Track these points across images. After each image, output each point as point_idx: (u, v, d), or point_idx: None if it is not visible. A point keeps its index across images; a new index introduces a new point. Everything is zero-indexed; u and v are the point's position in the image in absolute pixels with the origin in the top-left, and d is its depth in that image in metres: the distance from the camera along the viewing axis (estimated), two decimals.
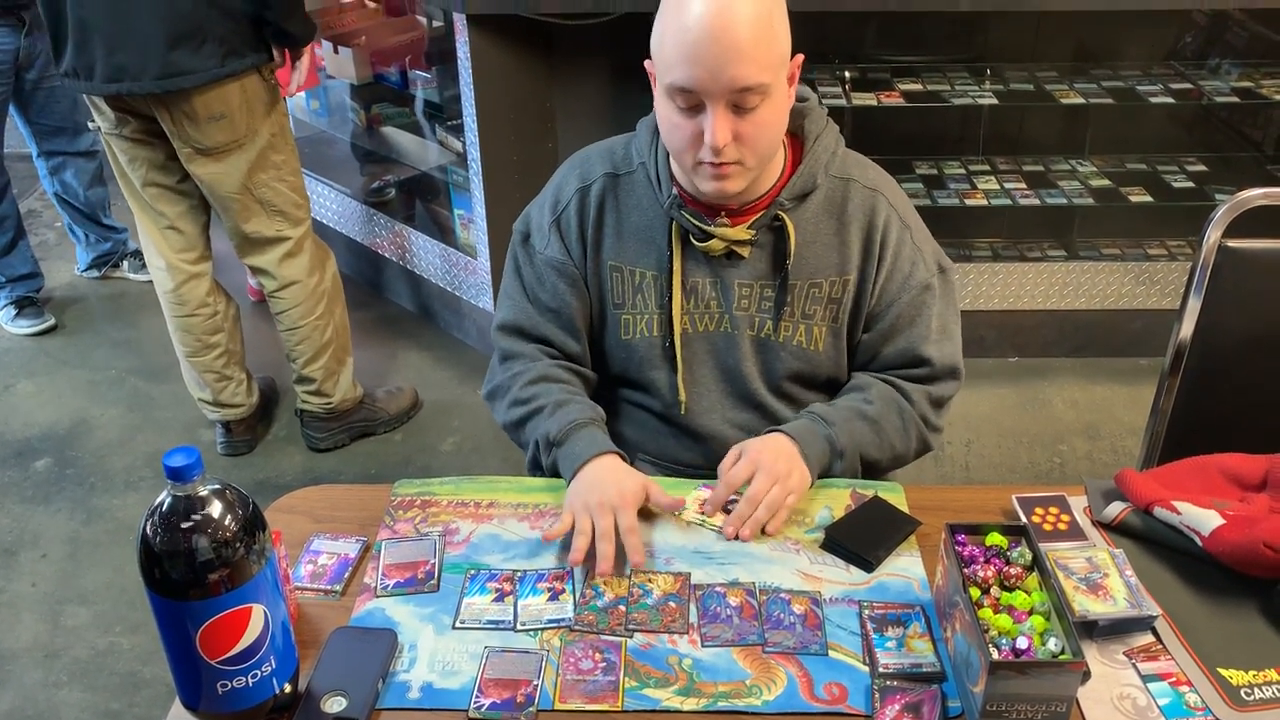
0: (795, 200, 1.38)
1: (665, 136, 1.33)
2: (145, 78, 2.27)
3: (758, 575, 1.23)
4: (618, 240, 1.44)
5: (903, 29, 3.16)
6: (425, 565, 1.25)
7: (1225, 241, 1.54)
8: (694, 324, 1.44)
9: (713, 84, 1.22)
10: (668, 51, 1.25)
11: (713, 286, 1.42)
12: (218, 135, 2.38)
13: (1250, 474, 1.30)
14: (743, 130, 1.26)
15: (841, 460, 1.39)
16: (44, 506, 2.71)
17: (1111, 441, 2.88)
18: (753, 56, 1.21)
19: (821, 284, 1.41)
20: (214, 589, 0.96)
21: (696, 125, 1.26)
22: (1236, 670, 1.09)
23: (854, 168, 1.43)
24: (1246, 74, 3.07)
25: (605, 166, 1.45)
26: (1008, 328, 3.16)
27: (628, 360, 1.48)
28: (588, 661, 1.12)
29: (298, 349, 2.72)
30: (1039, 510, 1.31)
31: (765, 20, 1.22)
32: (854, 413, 1.41)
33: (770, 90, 1.24)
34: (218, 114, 2.35)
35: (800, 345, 1.43)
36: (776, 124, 1.30)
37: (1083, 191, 3.12)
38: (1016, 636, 1.04)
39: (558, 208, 1.46)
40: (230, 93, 2.34)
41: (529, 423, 1.43)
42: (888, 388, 1.45)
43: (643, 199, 1.42)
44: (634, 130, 1.47)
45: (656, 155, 1.40)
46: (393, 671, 1.11)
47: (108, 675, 2.22)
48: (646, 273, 1.43)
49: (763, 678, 1.10)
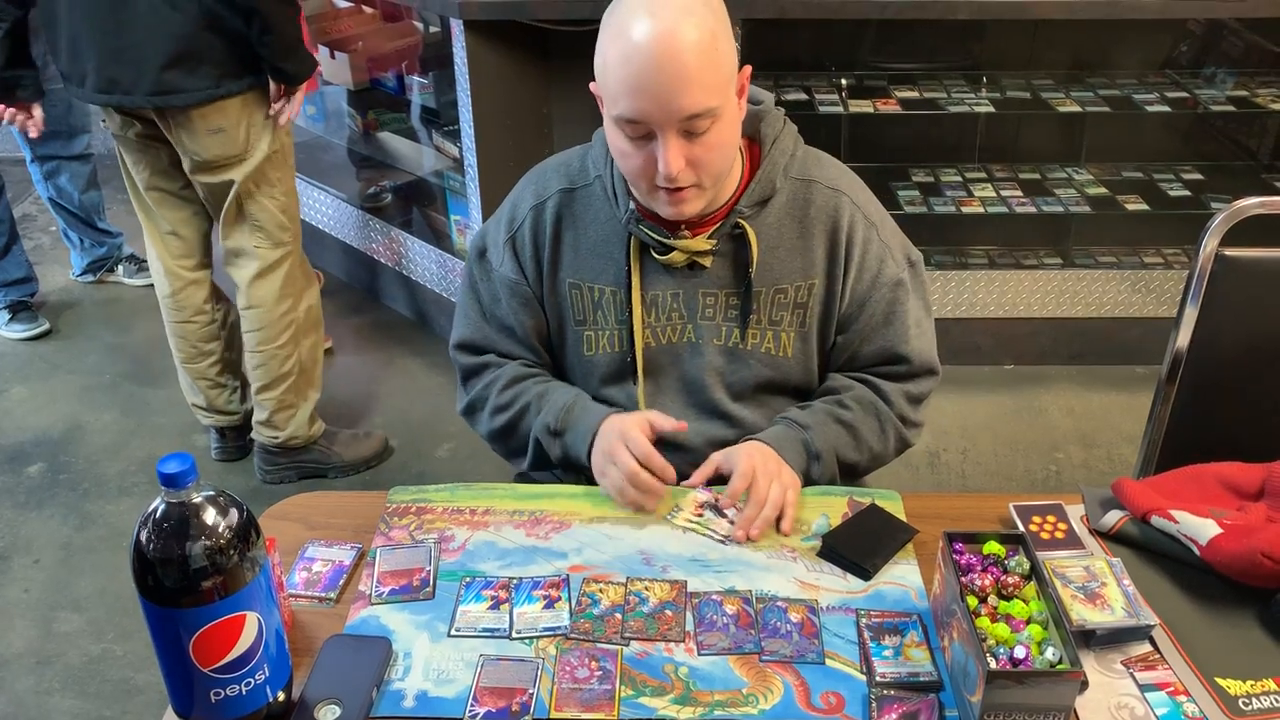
0: (755, 206, 1.37)
1: (619, 162, 1.31)
2: (137, 93, 2.26)
3: (754, 583, 1.23)
4: (576, 257, 1.41)
5: (900, 37, 3.16)
6: (420, 572, 1.24)
7: (1222, 250, 1.54)
8: (656, 337, 1.42)
9: (660, 114, 1.20)
10: (611, 83, 1.22)
11: (674, 298, 1.40)
12: (215, 149, 2.36)
13: (1247, 483, 1.30)
14: (695, 154, 1.23)
15: (819, 463, 1.38)
16: (37, 512, 2.70)
17: (1107, 449, 2.88)
18: (700, 82, 1.18)
19: (787, 289, 1.40)
20: (207, 596, 0.96)
21: (648, 153, 1.24)
22: (1234, 680, 1.09)
23: (814, 168, 1.40)
24: (1242, 83, 3.08)
25: (561, 182, 1.43)
26: (1004, 335, 3.16)
27: (590, 376, 1.46)
28: (584, 670, 1.12)
29: (254, 372, 2.63)
30: (1036, 519, 1.30)
31: (709, 43, 1.19)
32: (829, 416, 1.41)
33: (720, 112, 1.22)
34: (215, 127, 2.33)
35: (769, 352, 1.42)
36: (729, 144, 1.28)
37: (1079, 199, 3.13)
38: (1014, 645, 1.04)
39: (513, 225, 1.44)
40: (229, 107, 2.32)
41: (520, 424, 1.43)
42: (864, 389, 1.44)
43: (600, 213, 1.40)
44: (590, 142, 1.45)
45: (612, 169, 1.38)
46: (387, 680, 1.11)
47: (100, 682, 2.21)
48: (605, 288, 1.41)
49: (759, 686, 1.10)
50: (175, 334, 2.67)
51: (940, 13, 2.75)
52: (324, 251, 3.75)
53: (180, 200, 2.53)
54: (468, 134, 2.86)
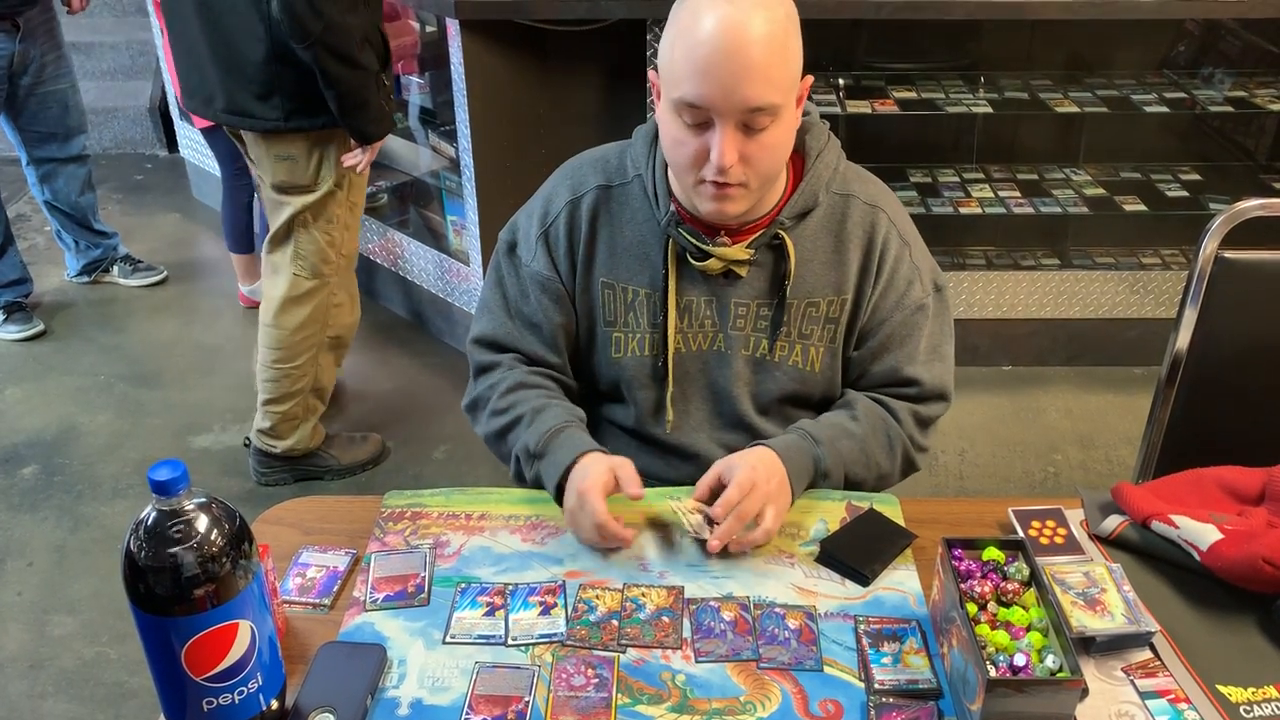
0: (795, 219, 1.36)
1: (668, 152, 1.29)
2: (213, 107, 2.36)
3: (752, 589, 1.22)
4: (611, 256, 1.40)
5: (897, 37, 3.16)
6: (415, 578, 1.23)
7: (1222, 252, 1.54)
8: (686, 343, 1.41)
9: (723, 102, 1.19)
10: (678, 65, 1.21)
11: (708, 305, 1.39)
12: (282, 175, 2.36)
13: (1248, 487, 1.30)
14: (750, 151, 1.23)
15: (826, 480, 1.36)
16: (31, 514, 2.68)
17: (1106, 451, 2.88)
18: (766, 76, 1.18)
19: (819, 304, 1.39)
20: (199, 605, 0.95)
21: (703, 143, 1.23)
22: (1235, 687, 1.08)
23: (854, 183, 1.40)
24: (1240, 83, 3.08)
25: (598, 178, 1.41)
26: (1001, 336, 3.15)
27: (617, 378, 1.45)
28: (580, 677, 1.11)
29: (264, 385, 2.61)
30: (1035, 523, 1.30)
31: (780, 40, 1.19)
32: (840, 430, 1.38)
33: (780, 112, 1.21)
34: (285, 155, 2.35)
35: (796, 365, 1.41)
36: (783, 146, 1.27)
37: (1077, 200, 3.12)
38: (1014, 653, 1.03)
39: (546, 219, 1.42)
40: (299, 140, 2.33)
41: (510, 434, 1.41)
42: (875, 406, 1.42)
43: (638, 213, 1.39)
44: (629, 137, 1.44)
45: (654, 168, 1.37)
46: (382, 687, 1.10)
47: (94, 686, 2.20)
48: (640, 290, 1.39)
49: (757, 694, 1.09)
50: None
51: (937, 13, 2.75)
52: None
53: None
54: (464, 134, 2.85)
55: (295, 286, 2.51)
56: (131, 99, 4.79)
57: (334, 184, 2.40)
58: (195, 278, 3.81)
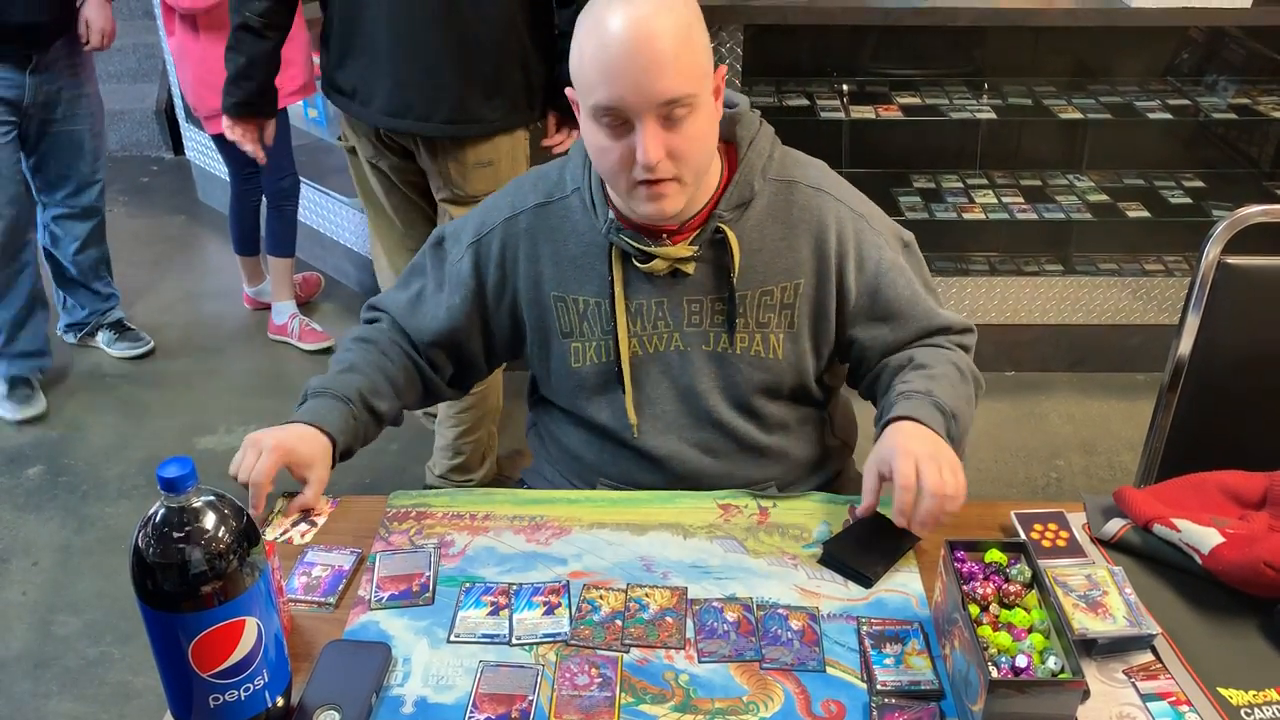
0: (735, 210, 1.36)
1: (596, 162, 1.30)
2: (434, 119, 2.14)
3: (755, 590, 1.23)
4: (558, 269, 1.40)
5: (902, 43, 3.16)
6: (420, 578, 1.24)
7: (1224, 258, 1.54)
8: (643, 345, 1.40)
9: (638, 99, 1.20)
10: (589, 73, 1.22)
11: (659, 307, 1.39)
12: (479, 184, 2.22)
13: (1250, 491, 1.30)
14: (674, 145, 1.23)
15: (955, 421, 1.32)
16: (36, 514, 2.69)
17: (1108, 457, 2.88)
18: (676, 68, 1.20)
19: (773, 290, 1.39)
20: (207, 601, 0.95)
21: (627, 145, 1.23)
22: (1236, 690, 1.09)
23: (794, 169, 1.40)
24: (1243, 91, 3.08)
25: (537, 196, 1.42)
26: (1005, 342, 3.15)
27: (580, 388, 1.44)
28: (583, 677, 1.11)
29: (458, 416, 2.49)
30: (1038, 527, 1.30)
31: (684, 32, 1.21)
32: (921, 375, 1.35)
33: (696, 102, 1.23)
34: (486, 160, 2.21)
35: (759, 355, 1.40)
36: (707, 137, 1.28)
37: (1080, 206, 3.13)
38: (1016, 654, 1.03)
39: (481, 230, 1.43)
40: (502, 143, 2.22)
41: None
42: (922, 348, 1.40)
43: (579, 224, 1.39)
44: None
45: (590, 180, 1.38)
46: (386, 686, 1.10)
47: (98, 685, 2.21)
48: (589, 300, 1.40)
49: (760, 694, 1.10)
50: None
51: (942, 19, 2.76)
52: (324, 254, 3.75)
53: (421, 216, 2.42)
54: None
55: None
56: (138, 102, 4.80)
57: None
58: (200, 280, 3.82)
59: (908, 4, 2.73)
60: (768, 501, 1.37)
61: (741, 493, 1.39)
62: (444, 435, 2.57)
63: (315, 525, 1.33)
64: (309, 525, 1.33)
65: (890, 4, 2.74)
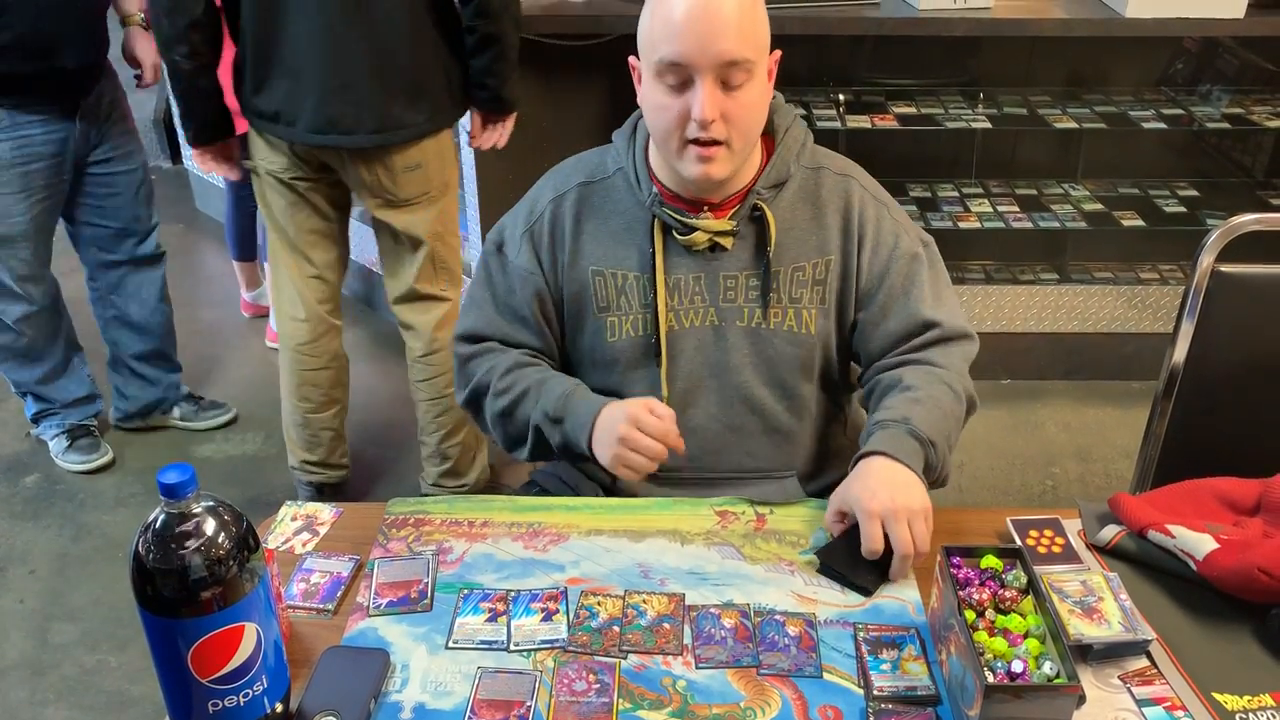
0: (771, 190, 1.42)
1: (652, 122, 1.36)
2: (360, 131, 2.15)
3: (752, 596, 1.23)
4: (599, 244, 1.45)
5: (897, 53, 3.18)
6: (418, 584, 1.24)
7: (1218, 266, 1.55)
8: (680, 320, 1.45)
9: (701, 56, 1.27)
10: (656, 30, 1.30)
11: (697, 282, 1.43)
12: (411, 187, 2.27)
13: (1244, 498, 1.31)
14: (729, 109, 1.30)
15: (934, 449, 1.32)
16: (33, 522, 2.69)
17: (1104, 464, 2.89)
18: (739, 31, 1.27)
19: (805, 267, 1.44)
20: (206, 607, 0.96)
21: (684, 103, 1.30)
22: (1231, 695, 1.09)
23: (824, 158, 1.48)
24: (1237, 100, 3.10)
25: (580, 176, 1.48)
26: (1000, 350, 3.16)
27: (613, 364, 1.48)
28: (581, 683, 1.12)
29: (438, 420, 2.52)
30: (1033, 533, 1.31)
31: (749, 2, 1.29)
32: (906, 400, 1.36)
33: (754, 69, 1.30)
34: (414, 164, 2.25)
35: (792, 330, 1.45)
36: (760, 106, 1.35)
37: (1075, 215, 3.14)
38: (1011, 659, 1.04)
39: (531, 218, 1.48)
40: (428, 145, 2.25)
41: (518, 410, 1.44)
42: (916, 367, 1.42)
43: (621, 201, 1.45)
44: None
45: (634, 156, 1.44)
46: (385, 692, 1.10)
47: (95, 693, 2.20)
48: (629, 274, 1.44)
49: (757, 700, 1.10)
50: (307, 383, 2.51)
51: (937, 29, 2.77)
52: None
53: (332, 243, 2.42)
54: (466, 150, 2.87)
55: (444, 302, 2.46)
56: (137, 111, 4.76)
57: (453, 184, 2.35)
58: (199, 287, 3.82)
59: (903, 14, 2.75)
60: (765, 508, 1.38)
61: (739, 500, 1.39)
62: (428, 443, 2.60)
63: (318, 535, 1.33)
64: (311, 534, 1.33)
65: (886, 14, 2.75)
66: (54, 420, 2.86)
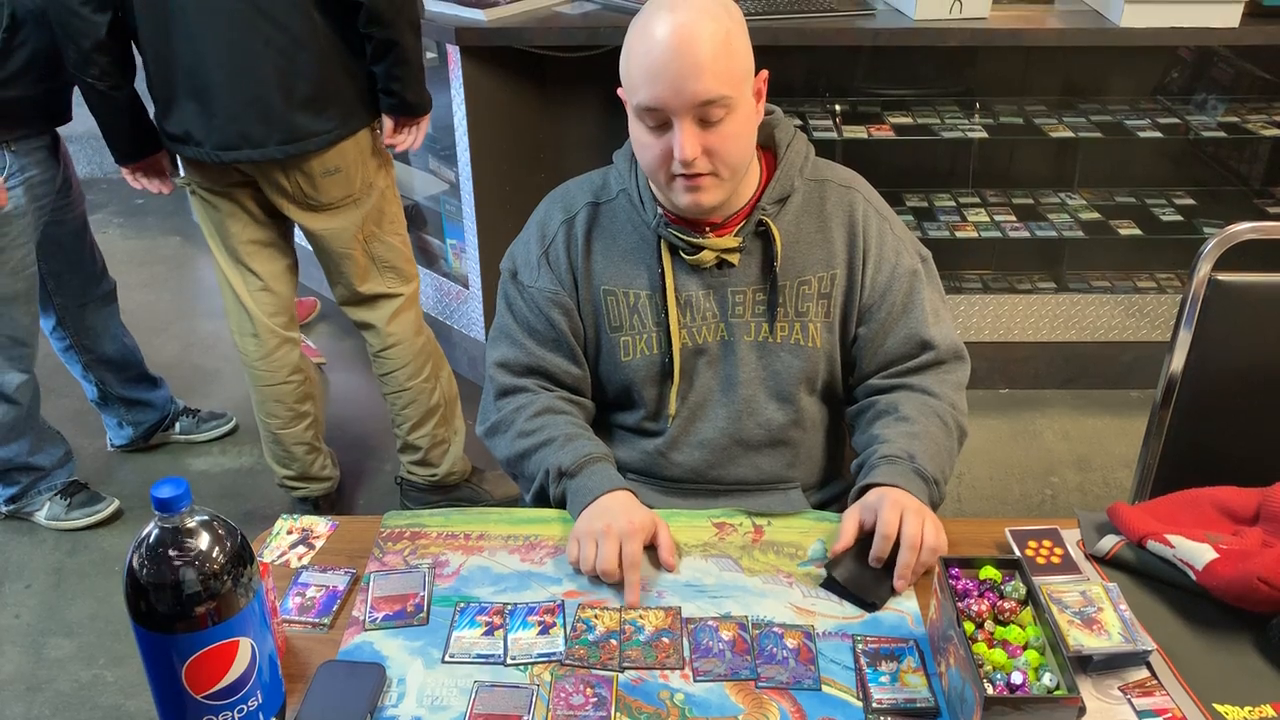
0: (776, 205, 1.43)
1: (640, 157, 1.37)
2: (269, 144, 2.15)
3: (750, 609, 1.22)
4: (609, 264, 1.46)
5: (893, 63, 3.18)
6: (414, 598, 1.24)
7: (1215, 275, 1.55)
8: (692, 337, 1.45)
9: (675, 99, 1.27)
10: (634, 74, 1.30)
11: (707, 298, 1.44)
12: (333, 190, 2.26)
13: (1243, 507, 1.30)
14: (711, 143, 1.30)
15: (938, 487, 1.35)
16: (29, 537, 2.68)
17: (1103, 473, 2.88)
18: (713, 71, 1.26)
19: (810, 280, 1.44)
20: (201, 622, 0.95)
21: (666, 142, 1.31)
22: (1232, 706, 1.09)
23: (826, 170, 1.49)
24: (1233, 109, 3.10)
25: (587, 197, 1.48)
26: (998, 359, 3.16)
27: (627, 382, 1.48)
28: (579, 696, 1.11)
29: (404, 413, 2.55)
30: (1032, 543, 1.30)
31: (723, 38, 1.28)
32: (903, 434, 1.38)
33: (733, 104, 1.29)
34: (333, 168, 2.24)
35: (798, 343, 1.45)
36: (744, 136, 1.34)
37: (1072, 224, 3.14)
38: (1011, 671, 1.03)
39: (544, 241, 1.48)
40: (346, 148, 2.23)
41: (536, 454, 1.43)
42: (910, 394, 1.44)
43: (627, 221, 1.46)
44: (611, 164, 1.50)
45: (637, 179, 1.44)
46: (381, 706, 1.10)
47: (91, 709, 2.19)
48: (640, 293, 1.45)
49: (755, 713, 1.09)
50: (270, 399, 2.49)
51: (933, 40, 2.77)
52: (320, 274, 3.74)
53: (275, 252, 2.41)
54: (464, 159, 2.87)
55: (396, 297, 2.46)
56: None
57: (381, 184, 2.35)
58: (196, 299, 3.82)
59: (899, 25, 2.75)
60: (762, 520, 1.37)
61: (736, 511, 1.39)
62: (398, 435, 2.62)
63: (313, 548, 1.33)
64: (307, 548, 1.33)
65: (881, 25, 2.76)
66: (43, 486, 2.67)
